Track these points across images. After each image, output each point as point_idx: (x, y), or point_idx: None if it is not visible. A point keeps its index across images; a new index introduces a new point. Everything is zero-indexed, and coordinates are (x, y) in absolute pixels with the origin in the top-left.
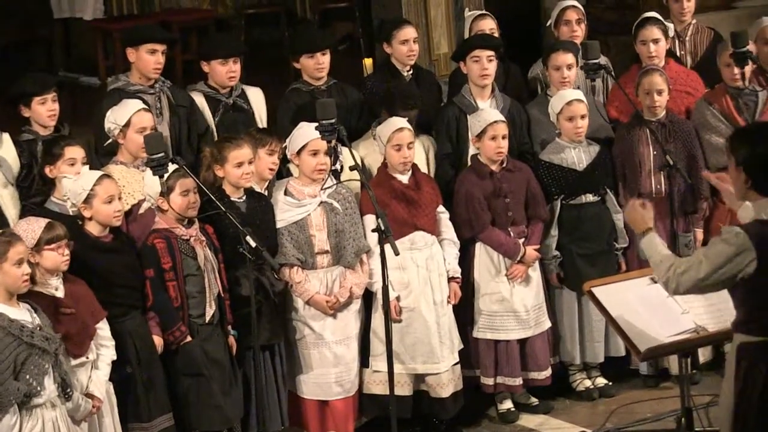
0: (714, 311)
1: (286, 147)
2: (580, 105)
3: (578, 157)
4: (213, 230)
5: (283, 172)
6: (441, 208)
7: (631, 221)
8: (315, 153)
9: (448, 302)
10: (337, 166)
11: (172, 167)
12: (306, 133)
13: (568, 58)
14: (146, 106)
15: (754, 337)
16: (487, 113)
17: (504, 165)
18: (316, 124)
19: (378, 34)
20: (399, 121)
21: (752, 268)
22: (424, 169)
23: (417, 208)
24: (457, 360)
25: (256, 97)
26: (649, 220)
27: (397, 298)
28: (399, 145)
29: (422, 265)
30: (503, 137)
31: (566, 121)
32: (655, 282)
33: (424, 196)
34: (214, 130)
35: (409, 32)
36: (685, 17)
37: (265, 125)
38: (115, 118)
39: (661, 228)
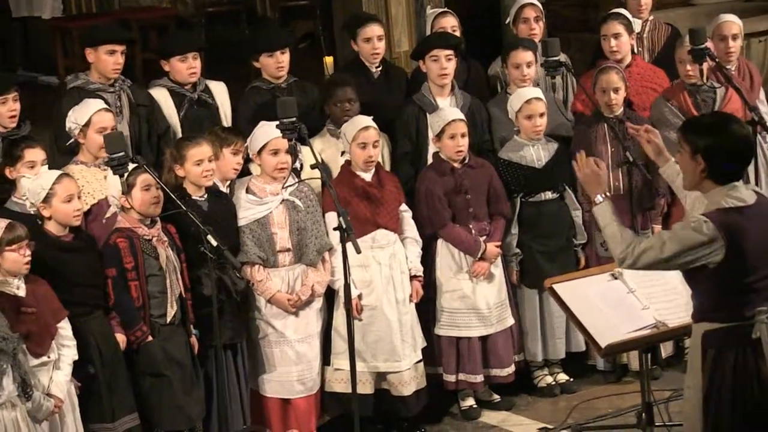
0: (674, 307)
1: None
2: (539, 103)
3: (537, 154)
4: (175, 230)
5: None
6: (404, 207)
7: (584, 182)
8: (275, 152)
9: (411, 301)
10: (297, 165)
11: (132, 166)
12: (266, 132)
13: (528, 55)
14: (107, 106)
15: (720, 324)
16: (446, 112)
17: (466, 161)
18: (276, 123)
19: (344, 30)
20: (364, 120)
21: (720, 257)
22: (384, 166)
23: (380, 206)
24: (420, 358)
25: (220, 92)
26: (603, 183)
27: (359, 297)
28: (364, 143)
29: (385, 264)
30: (462, 136)
31: (525, 120)
32: (616, 278)
33: (386, 195)
34: (179, 125)
35: (373, 30)
36: (642, 14)
37: (229, 120)
38: (75, 117)
39: None
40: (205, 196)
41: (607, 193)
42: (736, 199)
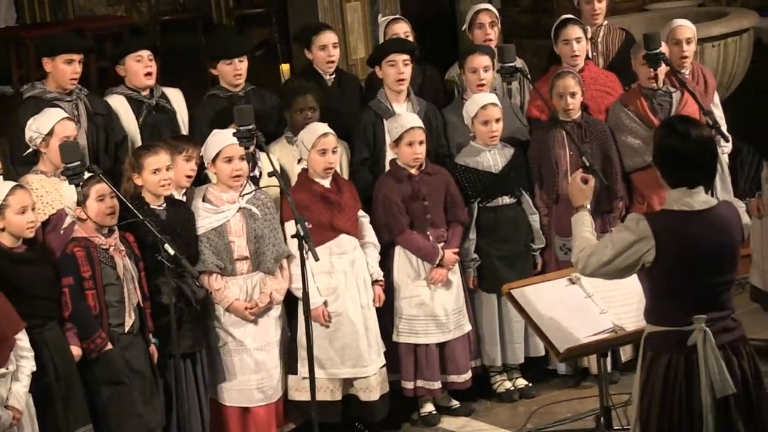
0: (632, 311)
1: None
2: (495, 109)
3: (494, 159)
4: (134, 239)
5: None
6: (361, 212)
7: (571, 194)
8: (229, 159)
9: (374, 305)
10: (256, 173)
11: (88, 176)
12: (219, 140)
13: (485, 60)
14: (69, 115)
15: (659, 326)
16: (404, 119)
17: (423, 168)
18: (229, 130)
19: (299, 40)
20: (323, 127)
21: (652, 256)
22: (341, 174)
23: (340, 213)
24: (384, 362)
25: (176, 98)
26: (588, 197)
27: (325, 303)
28: (324, 149)
29: (347, 270)
30: (420, 143)
31: (481, 125)
32: (573, 283)
33: (346, 201)
34: (138, 131)
35: (328, 37)
36: (596, 19)
37: (187, 126)
38: (37, 126)
39: None
40: (164, 204)
41: (589, 206)
42: (685, 204)
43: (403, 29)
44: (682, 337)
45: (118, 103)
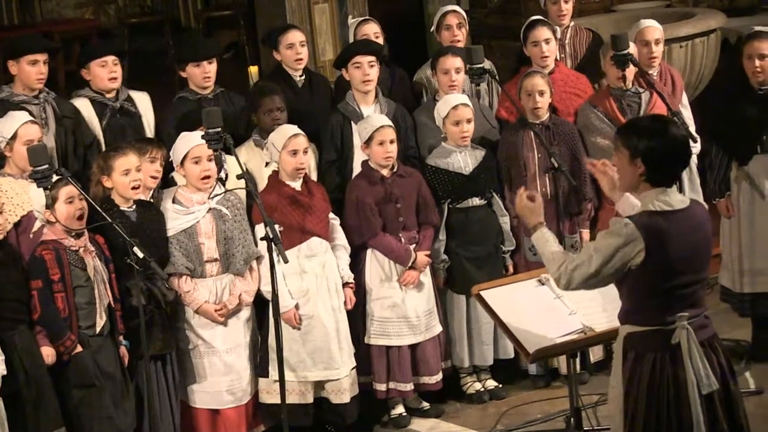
0: (601, 312)
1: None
2: (466, 109)
3: (464, 161)
4: (104, 240)
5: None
6: (332, 215)
7: (521, 214)
8: (197, 161)
9: (345, 308)
10: (222, 174)
11: (56, 179)
12: (186, 141)
13: (456, 61)
14: (33, 118)
15: (641, 326)
16: (374, 119)
17: (395, 170)
18: (197, 132)
19: (267, 42)
20: (293, 128)
21: (640, 258)
22: (310, 176)
23: (311, 215)
24: (355, 364)
25: (142, 101)
26: (540, 213)
27: (296, 306)
28: (295, 150)
29: (318, 272)
30: (391, 142)
31: (452, 126)
32: (543, 284)
33: (316, 203)
34: (101, 134)
35: (295, 36)
36: (563, 20)
37: (152, 129)
38: (1, 130)
39: None
40: (134, 206)
41: (542, 221)
42: (665, 203)
43: (372, 30)
44: (666, 336)
45: (82, 106)
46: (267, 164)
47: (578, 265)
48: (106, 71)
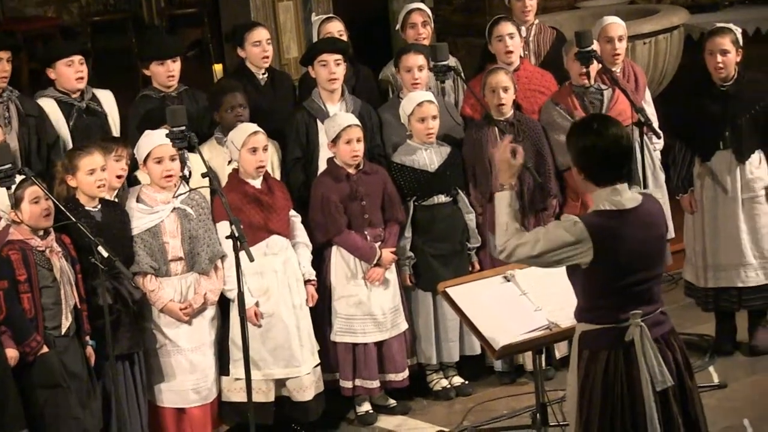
0: (566, 308)
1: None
2: (431, 106)
3: (430, 158)
4: (70, 240)
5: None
6: (293, 212)
7: (500, 166)
8: (159, 160)
9: (306, 305)
10: (186, 172)
11: (19, 179)
12: (149, 140)
13: (419, 59)
14: None
15: (595, 325)
16: (341, 118)
17: (360, 167)
18: (161, 131)
19: (231, 39)
20: (252, 126)
21: (589, 258)
22: (271, 173)
23: (271, 213)
24: (318, 362)
25: (107, 100)
26: (513, 174)
27: (257, 304)
28: (255, 147)
29: (280, 270)
30: (358, 141)
31: (417, 123)
32: (508, 280)
33: (277, 201)
34: (68, 135)
35: (261, 33)
36: (527, 16)
37: (118, 128)
38: None
39: None
40: (99, 206)
41: (513, 185)
42: (614, 203)
43: (336, 28)
44: (619, 334)
45: (47, 106)
46: (230, 162)
47: (522, 243)
48: (72, 71)
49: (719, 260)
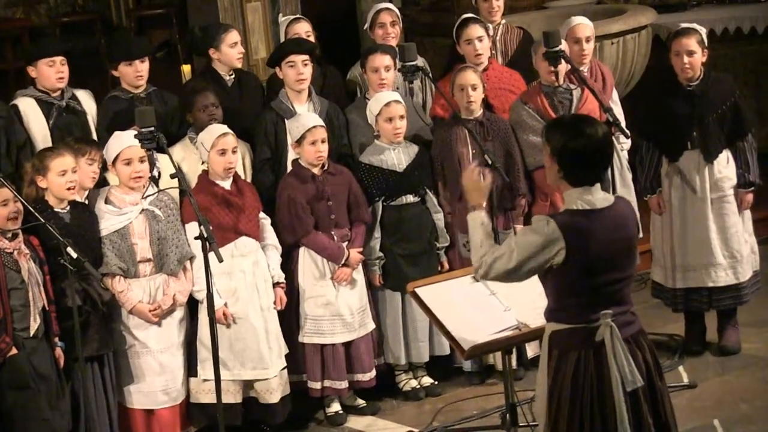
0: (535, 308)
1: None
2: (398, 106)
3: (398, 158)
4: (38, 242)
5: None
6: (262, 214)
7: (467, 189)
8: (128, 162)
9: (275, 308)
10: (155, 173)
11: None
12: (118, 142)
13: (386, 59)
14: None
15: (565, 324)
16: (306, 118)
17: (326, 168)
18: (130, 132)
19: (201, 40)
20: (221, 127)
21: (561, 258)
22: (242, 175)
23: (240, 214)
24: (285, 365)
25: (86, 99)
26: (483, 195)
27: (225, 305)
28: (224, 149)
29: (248, 272)
30: (323, 141)
31: (385, 123)
32: (477, 280)
33: (246, 202)
34: (49, 134)
35: (236, 35)
36: (494, 17)
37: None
38: None
39: None
40: (68, 207)
41: (484, 204)
42: (587, 202)
43: (304, 29)
44: (589, 334)
45: (27, 105)
46: (203, 162)
47: (498, 257)
48: (54, 71)
49: (689, 261)
